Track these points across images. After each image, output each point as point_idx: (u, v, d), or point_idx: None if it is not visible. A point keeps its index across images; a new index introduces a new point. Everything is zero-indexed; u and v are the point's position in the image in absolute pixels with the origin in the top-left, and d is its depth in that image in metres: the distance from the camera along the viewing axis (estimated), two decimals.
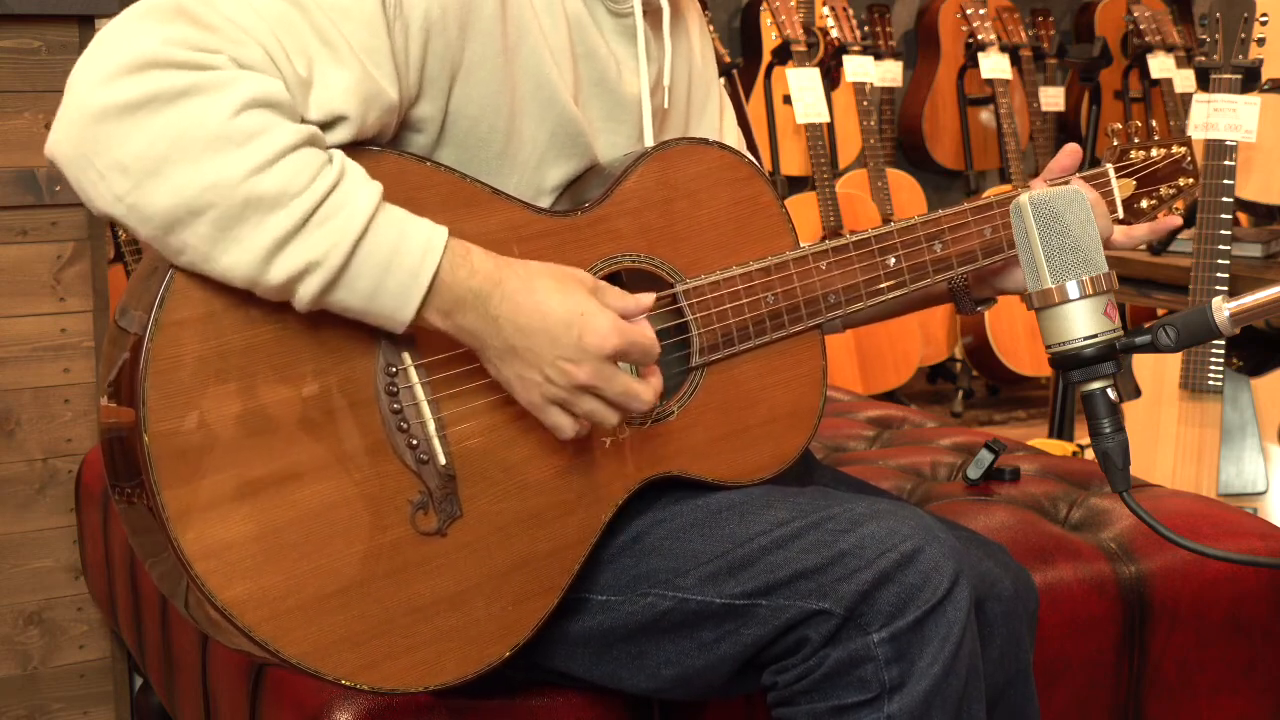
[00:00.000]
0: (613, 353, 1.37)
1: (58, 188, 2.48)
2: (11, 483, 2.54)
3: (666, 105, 1.65)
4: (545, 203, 1.52)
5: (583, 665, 1.52)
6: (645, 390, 1.40)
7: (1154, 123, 1.89)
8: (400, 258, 1.31)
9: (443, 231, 1.33)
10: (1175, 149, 1.86)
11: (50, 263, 2.51)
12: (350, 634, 1.35)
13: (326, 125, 1.33)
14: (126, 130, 1.24)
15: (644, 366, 1.43)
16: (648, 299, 1.43)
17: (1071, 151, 1.78)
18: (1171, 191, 1.85)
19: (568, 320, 1.36)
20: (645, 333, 1.40)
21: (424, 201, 1.39)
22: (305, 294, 1.29)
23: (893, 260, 1.63)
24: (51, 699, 2.61)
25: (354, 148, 1.36)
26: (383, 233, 1.30)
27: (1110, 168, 1.81)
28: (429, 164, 1.41)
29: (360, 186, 1.31)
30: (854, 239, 1.62)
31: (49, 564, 2.59)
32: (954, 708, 1.40)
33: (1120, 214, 1.81)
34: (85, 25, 2.50)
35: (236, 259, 1.27)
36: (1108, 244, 1.69)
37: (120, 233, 3.85)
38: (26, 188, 2.47)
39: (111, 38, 1.27)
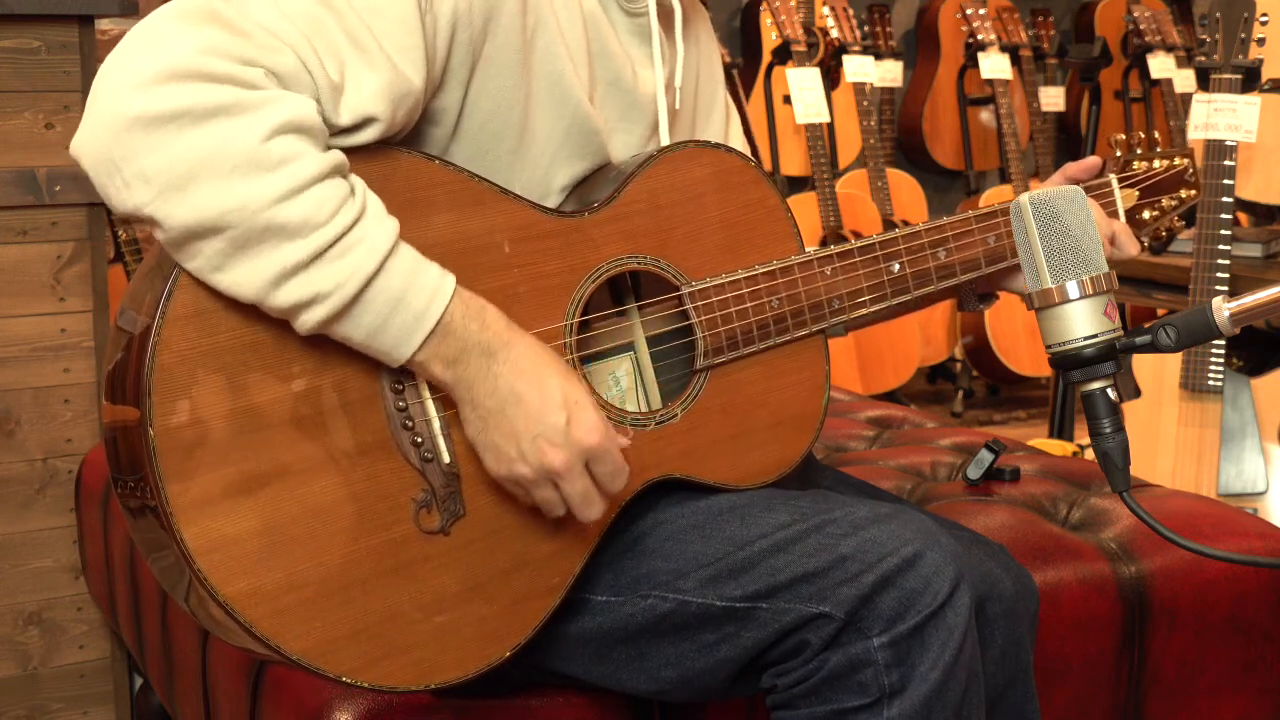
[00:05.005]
0: (593, 449, 1.36)
1: (58, 188, 2.47)
2: (11, 483, 2.54)
3: (678, 106, 1.65)
4: (553, 202, 1.52)
5: (583, 666, 1.52)
6: (600, 506, 1.39)
7: (1156, 134, 1.87)
8: (408, 298, 1.31)
9: (451, 278, 1.34)
10: (1179, 160, 1.85)
11: (50, 263, 2.51)
12: (352, 631, 1.35)
13: (357, 127, 1.33)
14: (155, 142, 1.23)
15: (607, 485, 1.40)
16: (625, 440, 1.41)
17: (1090, 167, 1.78)
18: (1173, 203, 1.84)
19: (562, 403, 1.35)
20: (620, 456, 1.39)
21: (433, 200, 1.39)
22: (308, 321, 1.30)
23: (897, 266, 1.63)
24: (51, 699, 2.61)
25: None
26: (394, 273, 1.31)
27: (1113, 178, 1.81)
28: (439, 162, 1.41)
29: (378, 224, 1.31)
30: (859, 244, 1.62)
31: (49, 564, 2.59)
32: (954, 713, 1.40)
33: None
34: (85, 25, 2.50)
35: (246, 278, 1.27)
36: (1121, 251, 1.69)
37: (120, 232, 3.85)
38: (26, 188, 2.46)
39: (144, 40, 1.26)
